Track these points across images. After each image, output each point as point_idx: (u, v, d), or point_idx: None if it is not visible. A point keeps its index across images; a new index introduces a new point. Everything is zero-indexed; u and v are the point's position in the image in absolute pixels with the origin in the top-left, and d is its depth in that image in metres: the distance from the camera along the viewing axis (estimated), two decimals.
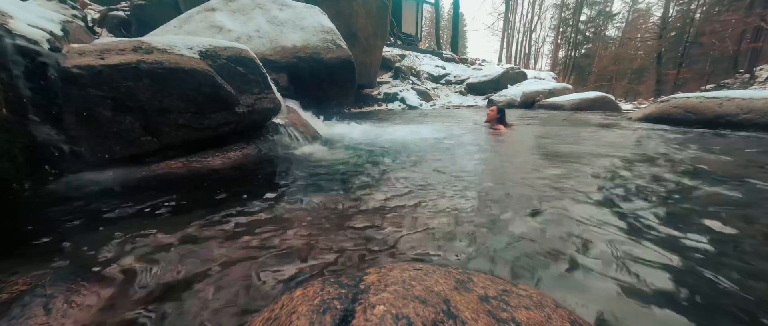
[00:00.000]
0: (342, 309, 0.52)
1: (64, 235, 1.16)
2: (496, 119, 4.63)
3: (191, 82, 2.03)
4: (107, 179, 1.82)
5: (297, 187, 1.76)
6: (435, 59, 14.70)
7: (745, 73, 15.87)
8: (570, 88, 11.74)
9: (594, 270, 0.98)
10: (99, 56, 1.82)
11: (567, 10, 28.20)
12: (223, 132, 2.32)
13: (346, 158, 2.56)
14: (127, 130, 1.91)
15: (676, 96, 5.46)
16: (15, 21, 1.62)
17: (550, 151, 2.92)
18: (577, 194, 1.66)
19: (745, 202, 1.59)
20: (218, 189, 1.68)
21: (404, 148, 2.98)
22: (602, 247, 1.11)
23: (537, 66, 32.37)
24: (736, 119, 4.35)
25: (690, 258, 1.06)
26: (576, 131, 4.33)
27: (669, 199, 1.61)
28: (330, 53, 4.81)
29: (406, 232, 1.22)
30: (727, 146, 3.18)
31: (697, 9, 20.08)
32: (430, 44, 23.04)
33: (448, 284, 0.61)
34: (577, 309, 0.80)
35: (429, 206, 1.48)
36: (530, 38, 30.60)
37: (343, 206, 1.49)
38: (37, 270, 0.93)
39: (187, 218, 1.32)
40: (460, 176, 2.01)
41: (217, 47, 2.32)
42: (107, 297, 0.84)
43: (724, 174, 2.10)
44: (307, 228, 1.24)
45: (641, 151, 2.90)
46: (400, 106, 9.19)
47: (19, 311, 0.77)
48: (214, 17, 4.33)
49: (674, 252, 1.09)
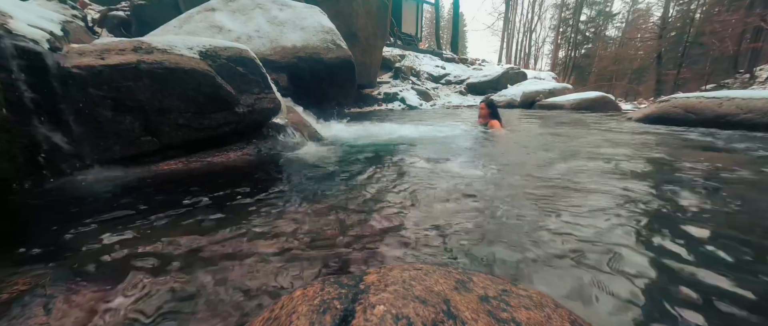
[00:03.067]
0: (342, 309, 0.52)
1: (64, 235, 1.16)
2: (488, 114, 4.33)
3: (191, 82, 2.04)
4: (107, 179, 1.82)
5: (297, 187, 1.76)
6: (435, 59, 14.71)
7: (745, 73, 15.88)
8: (570, 88, 11.75)
9: (594, 269, 0.98)
10: (99, 56, 1.82)
11: (567, 10, 28.22)
12: (223, 132, 2.33)
13: (346, 158, 2.56)
14: (127, 130, 1.91)
15: (676, 96, 5.46)
16: (15, 21, 1.62)
17: (550, 150, 2.92)
18: (576, 193, 1.66)
19: (746, 201, 1.59)
20: (218, 189, 1.68)
21: (404, 148, 2.98)
22: (601, 245, 1.11)
23: (537, 66, 32.39)
24: (736, 119, 4.35)
25: (688, 257, 1.06)
26: (576, 132, 4.34)
27: (669, 199, 1.61)
28: (330, 53, 4.81)
29: (406, 232, 1.22)
30: (726, 146, 3.18)
31: (697, 9, 20.09)
32: (430, 44, 23.03)
33: (448, 284, 0.61)
34: (577, 308, 0.80)
35: (429, 206, 1.48)
36: (530, 38, 30.63)
37: (343, 205, 1.49)
38: (37, 270, 0.93)
39: (186, 219, 1.32)
40: (460, 175, 2.01)
41: (217, 47, 2.32)
42: (107, 297, 0.84)
43: (724, 174, 2.10)
44: (307, 228, 1.24)
45: (641, 151, 2.90)
46: (400, 106, 9.19)
47: (19, 311, 0.77)
48: (214, 17, 4.33)
49: (677, 252, 1.09)
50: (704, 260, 1.05)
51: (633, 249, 1.11)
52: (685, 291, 0.89)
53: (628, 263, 1.02)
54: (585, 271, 0.97)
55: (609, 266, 1.00)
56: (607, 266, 1.00)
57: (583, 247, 1.11)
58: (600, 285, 0.91)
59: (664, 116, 5.17)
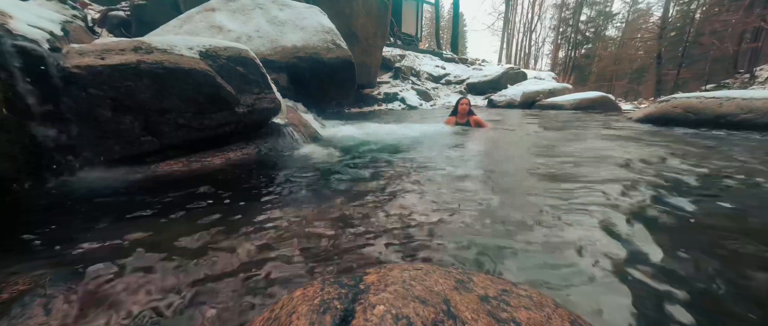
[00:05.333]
0: (342, 309, 0.52)
1: (64, 235, 1.16)
2: (467, 112, 4.23)
3: (191, 82, 2.03)
4: (107, 179, 1.82)
5: (297, 187, 1.76)
6: (435, 59, 14.71)
7: (745, 73, 15.88)
8: (570, 88, 11.75)
9: (592, 269, 0.98)
10: (99, 56, 1.82)
11: (567, 10, 28.23)
12: (223, 132, 2.33)
13: (346, 157, 2.56)
14: (127, 130, 1.91)
15: (676, 96, 5.45)
16: (15, 21, 1.62)
17: (547, 149, 2.92)
18: (575, 193, 1.66)
19: (747, 201, 1.59)
20: (218, 189, 1.68)
21: (404, 147, 2.98)
22: (600, 243, 1.11)
23: (537, 66, 32.40)
24: (736, 119, 4.35)
25: (685, 256, 1.06)
26: (576, 131, 4.33)
27: (670, 199, 1.61)
28: (330, 53, 4.81)
29: (405, 231, 1.22)
30: (726, 146, 3.18)
31: (697, 9, 20.09)
32: (430, 44, 23.05)
33: (448, 284, 0.61)
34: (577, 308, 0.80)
35: (429, 206, 1.48)
36: (530, 38, 30.63)
37: (343, 205, 1.49)
38: (37, 270, 0.93)
39: (186, 219, 1.32)
40: (460, 175, 2.01)
41: (217, 47, 2.32)
42: (107, 297, 0.84)
43: (723, 173, 2.10)
44: (307, 228, 1.24)
45: (641, 151, 2.89)
46: (400, 106, 9.19)
47: (19, 311, 0.77)
48: (214, 17, 4.33)
49: (678, 251, 1.09)
50: (704, 260, 1.05)
51: (632, 250, 1.11)
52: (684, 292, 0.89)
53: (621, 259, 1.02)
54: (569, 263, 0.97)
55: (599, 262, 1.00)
56: (598, 263, 1.00)
57: (583, 247, 1.11)
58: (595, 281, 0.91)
59: (664, 116, 5.17)
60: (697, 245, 1.16)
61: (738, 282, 0.93)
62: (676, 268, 1.00)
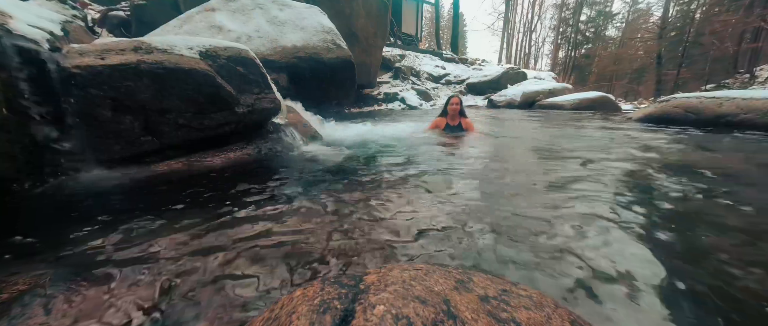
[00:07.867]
0: (342, 309, 0.52)
1: (64, 235, 1.16)
2: (458, 112, 3.78)
3: (191, 82, 2.03)
4: (107, 179, 1.82)
5: (297, 187, 1.76)
6: (435, 59, 14.72)
7: (745, 74, 15.88)
8: (570, 88, 11.75)
9: (591, 267, 0.98)
10: (99, 56, 1.82)
11: (567, 10, 28.23)
12: (223, 132, 2.32)
13: (346, 157, 2.56)
14: (127, 130, 1.91)
15: (676, 96, 5.46)
16: (15, 21, 1.62)
17: (547, 149, 2.92)
18: (575, 192, 1.66)
19: (746, 201, 1.59)
20: (218, 189, 1.68)
21: (403, 147, 2.98)
22: (598, 242, 1.11)
23: (537, 66, 32.39)
24: (735, 119, 4.35)
25: (683, 256, 1.06)
26: (576, 131, 4.33)
27: (670, 199, 1.61)
28: (330, 53, 4.81)
29: (405, 231, 1.22)
30: (726, 146, 3.18)
31: (697, 9, 20.09)
32: (430, 44, 23.04)
33: (448, 284, 0.61)
34: (577, 307, 0.80)
35: (429, 206, 1.48)
36: (530, 38, 30.62)
37: (343, 205, 1.48)
38: (37, 270, 0.93)
39: (187, 218, 1.31)
40: (460, 175, 2.01)
41: (217, 47, 2.32)
42: (107, 297, 0.84)
43: (723, 174, 2.10)
44: (307, 228, 1.24)
45: (641, 151, 2.89)
46: (400, 106, 9.19)
47: (19, 311, 0.77)
48: (214, 17, 4.33)
49: (678, 250, 1.09)
50: (704, 261, 1.05)
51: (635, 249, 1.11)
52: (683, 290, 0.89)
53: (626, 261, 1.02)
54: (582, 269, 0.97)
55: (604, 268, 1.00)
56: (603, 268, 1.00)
57: (582, 246, 1.11)
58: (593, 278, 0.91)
59: (664, 116, 5.18)
60: (697, 245, 1.16)
61: (738, 282, 0.93)
62: (676, 268, 1.00)
